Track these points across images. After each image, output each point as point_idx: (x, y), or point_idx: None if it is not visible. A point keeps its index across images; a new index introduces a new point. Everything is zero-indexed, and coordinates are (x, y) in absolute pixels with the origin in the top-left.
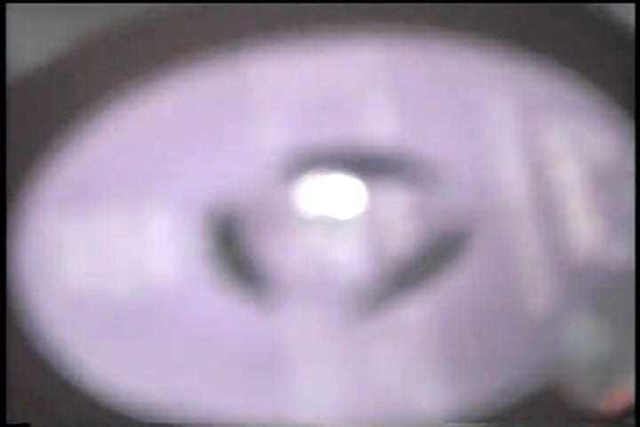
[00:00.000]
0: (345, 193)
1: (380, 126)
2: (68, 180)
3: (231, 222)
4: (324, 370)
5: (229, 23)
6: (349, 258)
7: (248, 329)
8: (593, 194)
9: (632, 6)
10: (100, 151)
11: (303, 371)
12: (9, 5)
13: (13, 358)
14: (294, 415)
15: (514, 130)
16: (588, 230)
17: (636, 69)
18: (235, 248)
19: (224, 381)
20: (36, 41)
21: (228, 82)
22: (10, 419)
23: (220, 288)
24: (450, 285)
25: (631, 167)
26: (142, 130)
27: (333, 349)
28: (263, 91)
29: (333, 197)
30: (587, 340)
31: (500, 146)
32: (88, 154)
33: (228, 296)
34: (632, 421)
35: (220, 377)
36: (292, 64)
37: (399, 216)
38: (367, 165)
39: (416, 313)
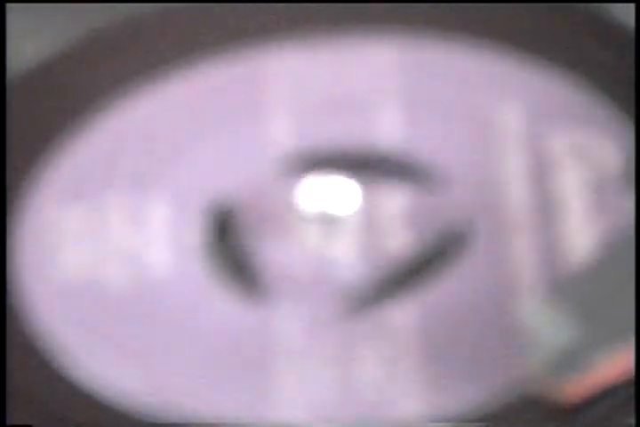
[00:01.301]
0: (342, 192)
1: (381, 128)
2: (70, 174)
3: (230, 217)
4: (310, 368)
5: (233, 22)
6: (345, 254)
7: (239, 323)
8: (591, 197)
9: (632, 6)
10: (102, 146)
11: (288, 368)
12: (9, 5)
13: (14, 357)
14: (276, 411)
15: (515, 132)
16: (585, 236)
17: (636, 69)
18: (232, 243)
19: (212, 374)
20: (35, 40)
21: (230, 81)
22: (11, 420)
23: (215, 282)
24: (442, 285)
25: (631, 168)
26: (145, 126)
27: (320, 346)
28: (266, 91)
29: (331, 196)
30: (548, 329)
31: (500, 148)
32: (90, 149)
33: (222, 291)
34: (632, 421)
35: (208, 370)
36: (296, 64)
37: (393, 214)
38: (364, 165)
39: (406, 314)
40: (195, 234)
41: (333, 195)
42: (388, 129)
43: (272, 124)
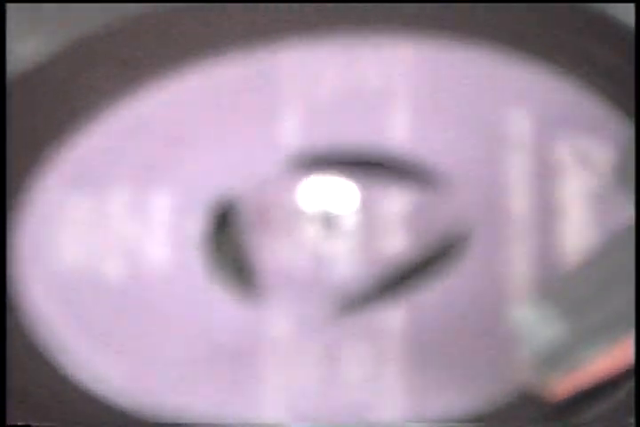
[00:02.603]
0: (342, 192)
1: (386, 128)
2: (70, 171)
3: (231, 214)
4: (301, 367)
5: (238, 21)
6: (343, 254)
7: (234, 320)
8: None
9: (631, 6)
10: (106, 140)
11: (279, 367)
12: (9, 5)
13: (13, 355)
14: (264, 410)
15: (519, 135)
16: (583, 240)
17: (635, 70)
18: (231, 240)
19: (203, 370)
20: (35, 40)
21: (234, 81)
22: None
23: (212, 278)
24: (435, 287)
25: (627, 169)
26: (149, 123)
27: (314, 346)
28: (271, 90)
29: (332, 196)
30: (537, 329)
31: (503, 151)
32: (94, 141)
33: (218, 287)
34: (631, 420)
35: (199, 368)
36: (303, 64)
37: (393, 215)
38: (366, 166)
39: (399, 314)
40: (196, 228)
41: (334, 195)
42: (391, 130)
43: (274, 124)
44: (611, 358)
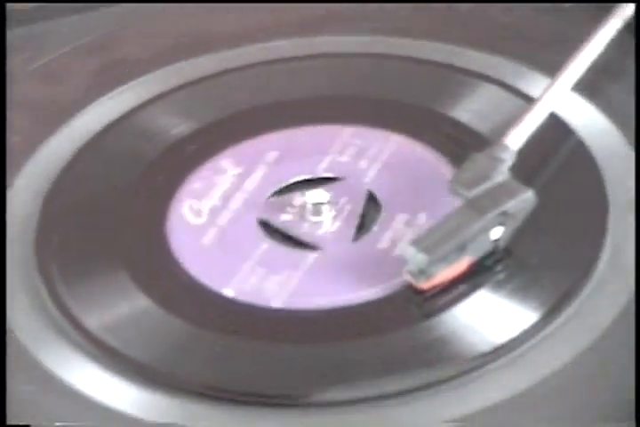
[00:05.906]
0: (323, 194)
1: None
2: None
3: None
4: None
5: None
6: (324, 220)
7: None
8: None
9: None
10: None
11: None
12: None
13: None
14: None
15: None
16: None
17: (636, 73)
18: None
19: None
20: None
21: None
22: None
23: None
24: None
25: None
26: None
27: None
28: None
29: (319, 195)
30: (414, 257)
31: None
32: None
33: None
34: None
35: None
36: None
37: (346, 203)
38: (332, 183)
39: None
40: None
41: (321, 195)
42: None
43: (289, 165)
44: (448, 274)
